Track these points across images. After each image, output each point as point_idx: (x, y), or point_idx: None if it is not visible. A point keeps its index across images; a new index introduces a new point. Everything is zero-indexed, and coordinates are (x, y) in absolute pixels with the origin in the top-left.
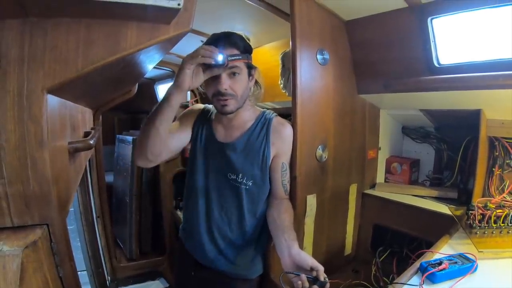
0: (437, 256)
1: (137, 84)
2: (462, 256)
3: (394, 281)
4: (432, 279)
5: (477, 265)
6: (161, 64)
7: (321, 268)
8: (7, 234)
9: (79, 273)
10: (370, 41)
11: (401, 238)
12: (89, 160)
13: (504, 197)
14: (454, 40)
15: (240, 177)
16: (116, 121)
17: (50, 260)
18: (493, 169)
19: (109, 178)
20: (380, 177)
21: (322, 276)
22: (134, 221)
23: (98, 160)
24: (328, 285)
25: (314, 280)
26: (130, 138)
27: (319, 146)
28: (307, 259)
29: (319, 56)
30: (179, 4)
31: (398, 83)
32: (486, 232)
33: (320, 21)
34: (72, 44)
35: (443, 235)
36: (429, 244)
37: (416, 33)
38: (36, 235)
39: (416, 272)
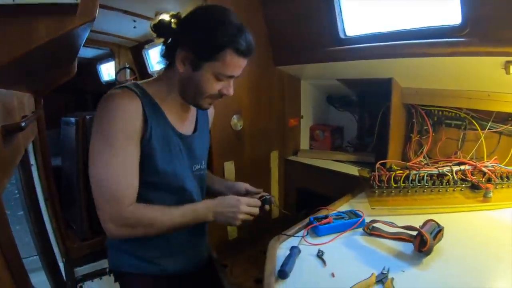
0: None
1: (76, 64)
2: (352, 212)
3: (282, 233)
4: (316, 232)
5: (363, 220)
6: (100, 44)
7: (260, 189)
8: None
9: (31, 258)
10: (283, 17)
11: (323, 200)
12: (34, 144)
13: (421, 160)
14: (359, 12)
15: (202, 163)
16: (63, 104)
17: None
18: (411, 134)
19: (59, 161)
20: (304, 144)
21: (265, 194)
22: (83, 201)
23: (42, 143)
24: (273, 198)
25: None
26: (73, 119)
27: (234, 116)
28: (241, 185)
29: None
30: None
31: (307, 55)
32: (384, 191)
33: None
34: None
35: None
36: None
37: (323, 7)
38: None
39: (305, 226)
